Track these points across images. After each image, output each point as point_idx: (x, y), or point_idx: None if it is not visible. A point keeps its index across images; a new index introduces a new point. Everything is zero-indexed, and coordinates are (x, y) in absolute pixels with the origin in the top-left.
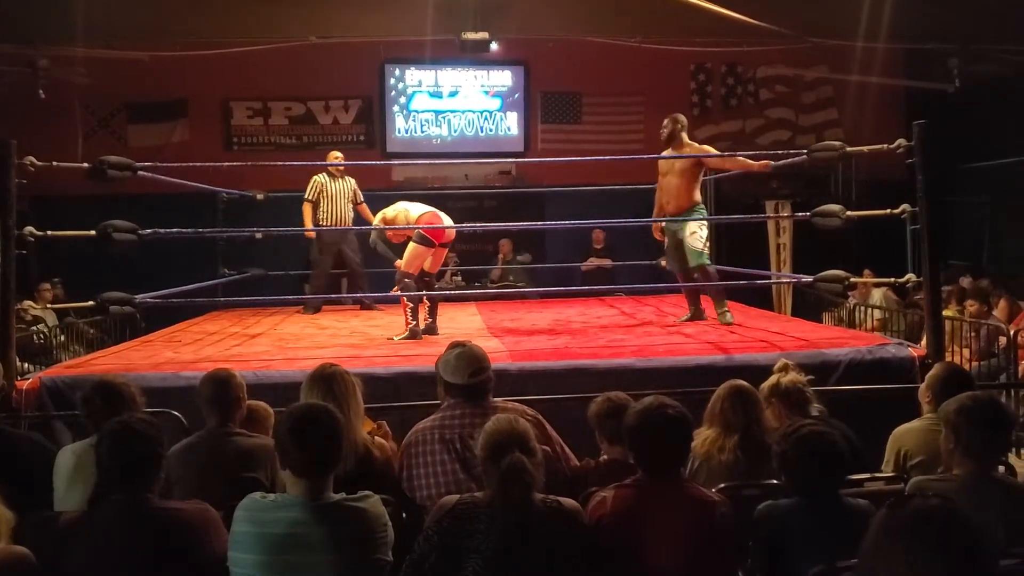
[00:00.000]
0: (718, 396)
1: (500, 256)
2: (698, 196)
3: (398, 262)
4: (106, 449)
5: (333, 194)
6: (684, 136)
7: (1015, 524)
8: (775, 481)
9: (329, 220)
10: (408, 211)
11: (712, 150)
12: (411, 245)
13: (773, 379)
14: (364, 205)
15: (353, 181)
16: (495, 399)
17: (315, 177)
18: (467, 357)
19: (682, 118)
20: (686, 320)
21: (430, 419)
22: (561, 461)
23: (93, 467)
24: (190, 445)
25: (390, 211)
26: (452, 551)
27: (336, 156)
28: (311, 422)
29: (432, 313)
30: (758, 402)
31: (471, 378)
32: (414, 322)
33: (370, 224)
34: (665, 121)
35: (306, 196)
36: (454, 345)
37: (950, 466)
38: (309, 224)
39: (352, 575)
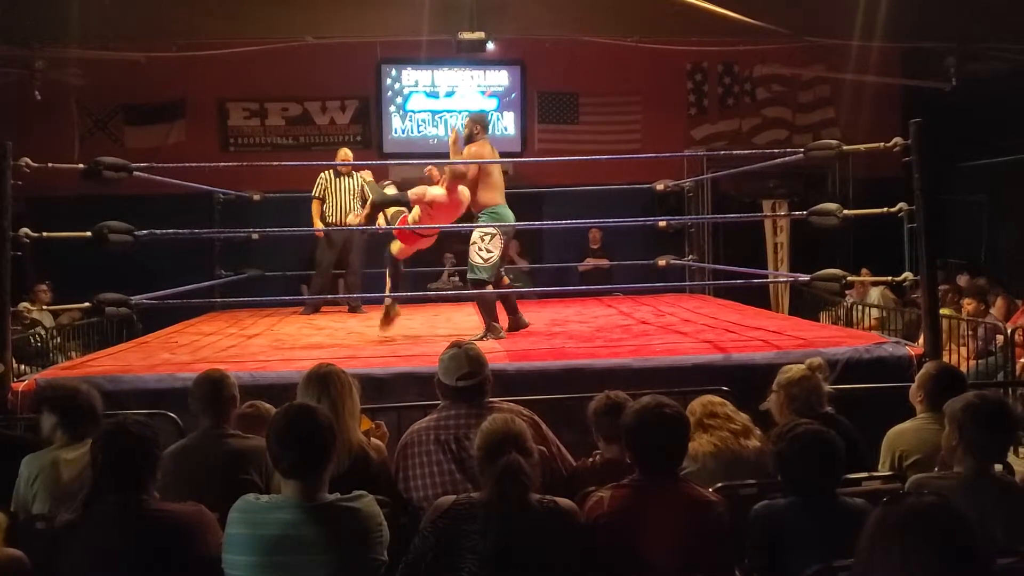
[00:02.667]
0: (689, 412)
1: None
2: (490, 199)
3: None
4: (101, 450)
5: (338, 192)
6: (472, 138)
7: (1013, 522)
8: (772, 480)
9: (334, 218)
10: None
11: (470, 167)
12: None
13: (795, 373)
14: None
15: (362, 178)
16: (491, 399)
17: (321, 174)
18: (459, 359)
19: (474, 121)
20: (480, 339)
21: (426, 419)
22: (557, 461)
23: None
24: (185, 446)
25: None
26: (449, 551)
27: (346, 154)
28: (298, 423)
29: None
30: (725, 405)
31: (459, 381)
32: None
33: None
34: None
35: (313, 194)
36: (452, 345)
37: (950, 463)
38: (316, 221)
39: (347, 575)
